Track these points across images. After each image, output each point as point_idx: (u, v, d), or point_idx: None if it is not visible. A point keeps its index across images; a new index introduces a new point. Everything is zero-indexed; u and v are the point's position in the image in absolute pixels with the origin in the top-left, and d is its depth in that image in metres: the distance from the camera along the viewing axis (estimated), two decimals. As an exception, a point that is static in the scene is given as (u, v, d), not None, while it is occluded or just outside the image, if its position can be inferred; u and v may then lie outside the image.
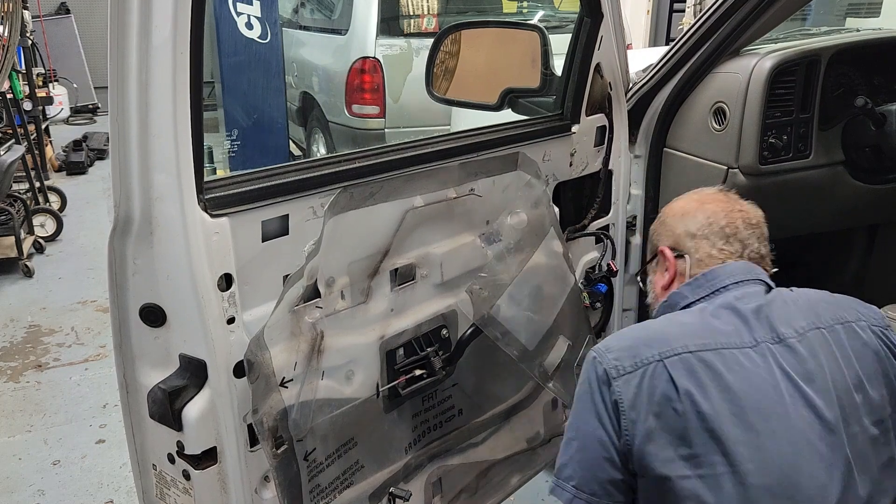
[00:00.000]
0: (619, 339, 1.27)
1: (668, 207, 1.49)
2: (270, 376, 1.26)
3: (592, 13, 1.78)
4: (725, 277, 1.31)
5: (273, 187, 1.26)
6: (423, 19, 5.47)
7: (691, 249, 1.38)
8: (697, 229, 1.38)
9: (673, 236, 1.41)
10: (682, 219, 1.41)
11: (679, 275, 1.39)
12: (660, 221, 1.49)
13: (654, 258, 1.47)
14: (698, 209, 1.40)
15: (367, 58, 5.18)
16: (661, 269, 1.43)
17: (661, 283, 1.42)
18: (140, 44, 1.06)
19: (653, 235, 1.50)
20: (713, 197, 1.44)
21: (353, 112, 5.30)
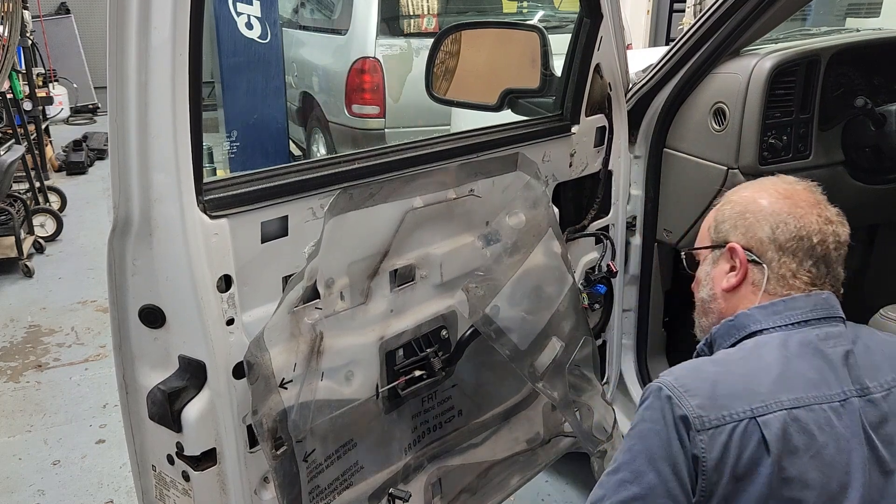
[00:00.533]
0: (698, 380, 1.12)
1: (749, 196, 1.29)
2: (270, 377, 1.26)
3: (592, 13, 1.78)
4: (809, 310, 1.18)
5: (272, 188, 1.26)
6: (423, 19, 5.47)
7: (773, 262, 1.21)
8: (787, 241, 1.20)
9: (752, 236, 1.24)
10: (768, 219, 1.23)
11: (749, 283, 1.24)
12: (736, 210, 1.28)
13: (716, 249, 1.30)
14: (789, 212, 1.22)
15: (367, 58, 5.18)
16: (723, 265, 1.28)
17: (723, 283, 1.27)
18: (139, 44, 1.06)
19: (720, 221, 1.30)
20: (804, 197, 1.25)
21: (353, 112, 5.30)
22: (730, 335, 1.23)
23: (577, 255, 1.99)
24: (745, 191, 1.31)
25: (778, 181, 1.30)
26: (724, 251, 1.28)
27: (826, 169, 2.04)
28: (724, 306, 1.28)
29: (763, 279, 1.22)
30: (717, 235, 1.30)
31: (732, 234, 1.27)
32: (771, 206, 1.24)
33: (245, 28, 5.06)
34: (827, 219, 1.22)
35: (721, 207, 1.32)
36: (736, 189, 1.34)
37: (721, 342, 1.24)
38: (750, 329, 1.20)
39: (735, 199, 1.30)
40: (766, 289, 1.21)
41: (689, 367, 1.18)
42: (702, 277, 1.34)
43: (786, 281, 1.21)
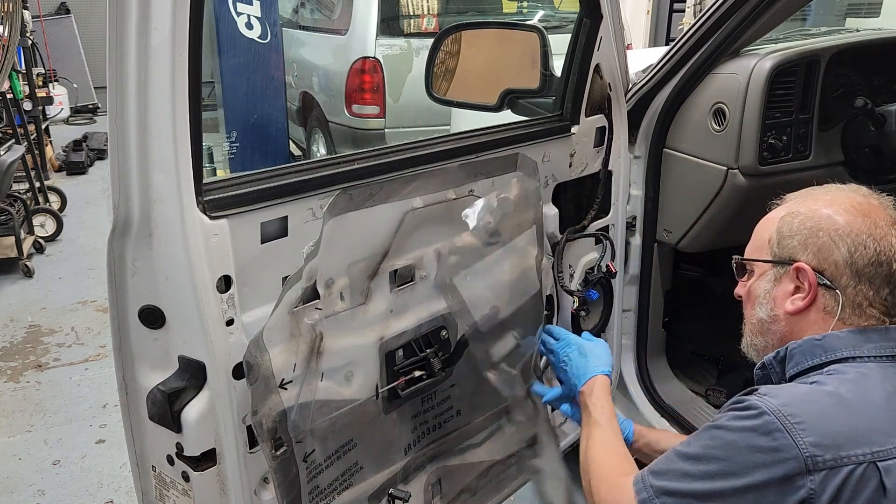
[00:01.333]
0: (814, 414, 1.03)
1: (822, 209, 1.16)
2: (269, 378, 1.26)
3: (592, 14, 1.78)
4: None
5: (272, 189, 1.26)
6: (423, 19, 5.47)
7: (848, 288, 1.12)
8: (865, 266, 1.11)
9: (826, 257, 1.13)
10: (845, 240, 1.12)
11: (820, 309, 1.15)
12: (807, 226, 1.16)
13: (779, 265, 1.19)
14: (869, 233, 1.11)
15: (367, 58, 5.19)
16: (787, 284, 1.17)
17: (787, 305, 1.18)
18: (139, 44, 1.06)
19: (785, 235, 1.18)
20: (882, 216, 1.14)
21: (353, 112, 5.31)
22: (813, 355, 1.14)
23: (577, 255, 1.99)
24: (814, 202, 1.19)
25: (851, 193, 1.18)
26: (789, 270, 1.17)
27: (826, 169, 2.04)
28: (787, 329, 1.19)
29: (836, 306, 1.12)
30: (782, 251, 1.19)
31: (802, 252, 1.16)
32: (848, 225, 1.13)
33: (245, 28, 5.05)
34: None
35: (787, 218, 1.19)
36: (802, 197, 1.22)
37: (801, 360, 1.15)
38: (840, 354, 1.11)
39: (804, 211, 1.18)
40: (841, 317, 1.13)
41: (799, 394, 1.07)
42: (759, 294, 1.23)
43: (861, 310, 1.12)
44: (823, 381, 1.08)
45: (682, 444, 1.14)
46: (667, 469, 1.12)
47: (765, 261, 1.22)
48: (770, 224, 1.23)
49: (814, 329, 1.15)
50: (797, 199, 1.23)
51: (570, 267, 1.98)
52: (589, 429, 1.47)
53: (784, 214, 1.21)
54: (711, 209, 2.00)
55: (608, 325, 2.14)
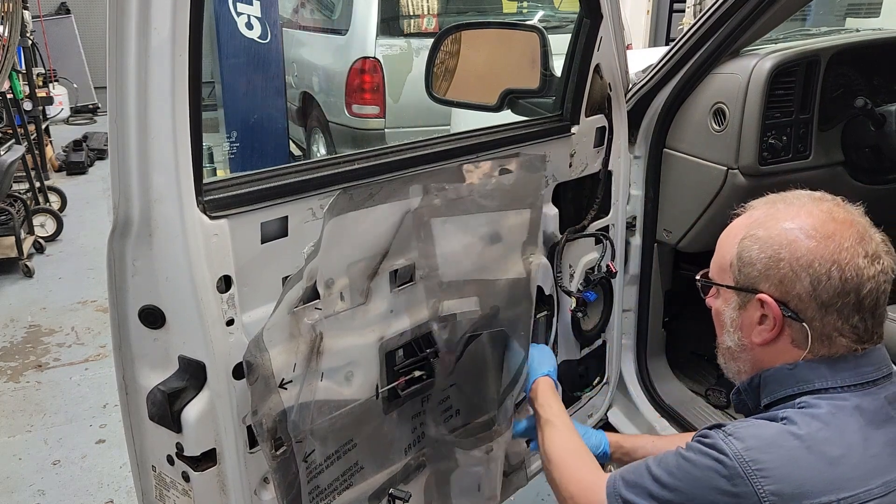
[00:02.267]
0: (779, 460, 0.99)
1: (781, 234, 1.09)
2: (269, 378, 1.26)
3: (592, 14, 1.78)
4: (875, 370, 1.07)
5: (272, 189, 1.26)
6: (423, 19, 5.47)
7: (815, 320, 1.06)
8: (830, 298, 1.04)
9: (788, 290, 1.07)
10: (806, 270, 1.05)
11: (787, 339, 1.10)
12: (767, 255, 1.09)
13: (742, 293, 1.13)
14: (833, 260, 1.04)
15: (367, 58, 5.19)
16: (752, 312, 1.12)
17: (754, 336, 1.13)
18: (139, 45, 1.06)
19: (746, 263, 1.12)
20: (847, 234, 1.06)
21: (353, 112, 5.31)
22: (786, 385, 1.10)
23: (577, 255, 1.99)
24: (774, 222, 1.11)
25: (815, 208, 1.10)
26: (752, 299, 1.11)
27: (826, 169, 2.04)
28: (758, 357, 1.15)
29: (805, 339, 1.08)
30: (743, 279, 1.12)
31: (763, 282, 1.09)
32: (810, 254, 1.05)
33: (245, 28, 5.05)
34: (875, 256, 1.06)
35: (746, 243, 1.12)
36: (763, 213, 1.14)
37: (775, 389, 1.12)
38: (813, 386, 1.07)
39: (763, 235, 1.10)
40: (812, 350, 1.08)
41: (765, 436, 1.03)
42: (725, 322, 1.19)
43: (831, 341, 1.07)
44: (794, 418, 1.04)
45: (655, 461, 1.13)
46: (636, 482, 1.12)
47: (728, 286, 1.16)
48: (731, 244, 1.16)
49: (782, 359, 1.12)
50: (758, 213, 1.15)
51: (571, 267, 1.98)
52: (542, 429, 1.49)
53: (744, 237, 1.13)
54: (711, 209, 2.00)
55: (608, 325, 2.14)
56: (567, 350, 2.05)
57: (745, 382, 1.19)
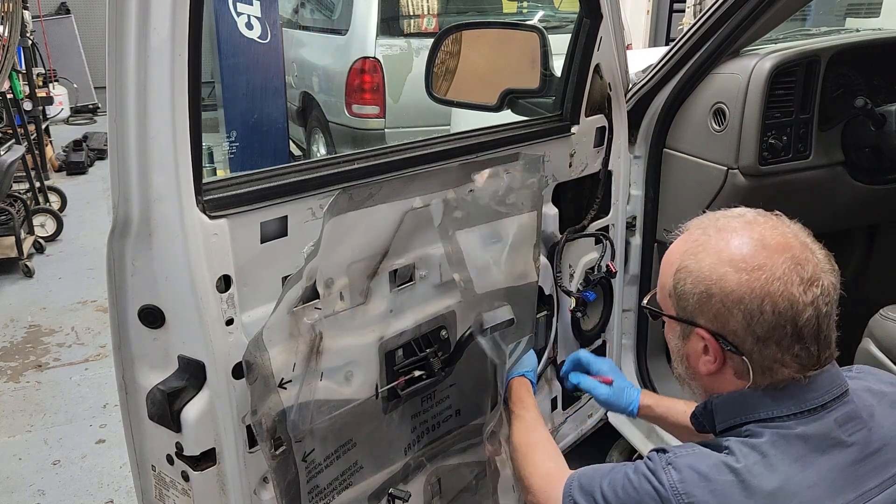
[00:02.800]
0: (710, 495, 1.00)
1: (712, 268, 1.05)
2: (269, 377, 1.26)
3: (592, 14, 1.78)
4: (824, 393, 1.05)
5: (272, 188, 1.26)
6: (423, 19, 5.47)
7: (754, 353, 1.05)
8: (765, 332, 1.02)
9: (723, 325, 1.05)
10: (738, 306, 1.03)
11: (730, 370, 1.09)
12: (699, 290, 1.07)
13: (684, 324, 1.12)
14: (765, 294, 1.01)
15: (367, 58, 5.18)
16: (696, 343, 1.11)
17: (701, 367, 1.12)
18: (138, 45, 1.06)
19: (681, 296, 1.10)
20: (779, 262, 1.02)
21: (353, 112, 5.31)
22: (735, 412, 1.09)
23: (577, 255, 1.99)
24: (705, 254, 1.07)
25: (745, 234, 1.06)
26: (693, 330, 1.10)
27: (826, 169, 2.04)
28: (707, 385, 1.15)
29: (746, 371, 1.06)
30: (681, 311, 1.11)
31: (700, 316, 1.08)
32: (740, 288, 1.02)
33: (245, 28, 5.05)
34: (811, 280, 1.02)
35: (680, 275, 1.09)
36: (695, 240, 1.11)
37: (725, 417, 1.12)
38: (758, 416, 1.06)
39: (694, 268, 1.07)
40: (755, 381, 1.07)
41: (702, 469, 1.03)
42: (673, 349, 1.18)
43: (772, 372, 1.05)
44: (734, 448, 1.04)
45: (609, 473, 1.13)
46: (588, 489, 1.14)
47: (669, 316, 1.15)
48: (668, 273, 1.13)
49: (731, 387, 1.11)
50: (690, 241, 1.12)
51: (570, 267, 1.98)
52: (512, 423, 1.56)
53: (678, 268, 1.10)
54: (711, 209, 1.98)
55: (608, 325, 2.14)
56: (567, 350, 2.05)
57: (699, 407, 1.18)
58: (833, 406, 1.05)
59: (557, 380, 1.90)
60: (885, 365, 1.79)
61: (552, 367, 2.04)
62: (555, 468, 1.32)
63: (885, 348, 1.81)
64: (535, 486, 1.33)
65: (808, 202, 2.09)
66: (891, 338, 1.80)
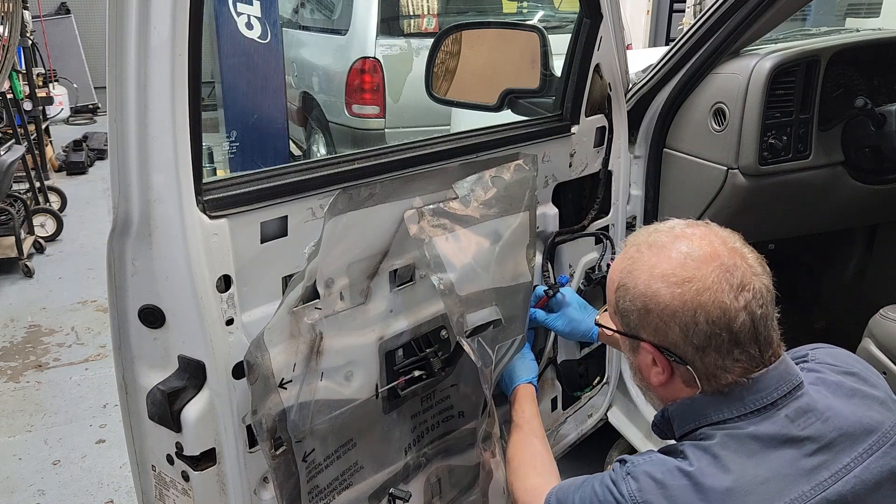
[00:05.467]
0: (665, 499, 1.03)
1: (646, 284, 1.09)
2: (269, 377, 1.26)
3: (592, 14, 1.78)
4: (773, 390, 1.07)
5: (272, 189, 1.26)
6: (423, 19, 5.47)
7: (696, 361, 1.08)
8: (702, 341, 1.05)
9: (663, 337, 1.09)
10: (674, 318, 1.06)
11: (679, 379, 1.12)
12: (637, 305, 1.10)
13: (631, 339, 1.15)
14: (696, 305, 1.05)
15: (367, 58, 5.18)
16: (644, 355, 1.14)
17: (653, 378, 1.15)
18: (138, 44, 1.06)
19: (623, 311, 1.13)
20: (708, 271, 1.05)
21: (353, 112, 5.31)
22: (689, 418, 1.13)
23: (577, 254, 1.99)
24: (639, 270, 1.11)
25: (673, 248, 1.09)
26: (640, 344, 1.13)
27: (826, 169, 2.04)
28: (662, 394, 1.18)
29: (693, 379, 1.09)
30: (627, 326, 1.15)
31: (642, 331, 1.12)
32: (674, 301, 1.06)
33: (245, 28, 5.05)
34: (741, 286, 1.04)
35: (620, 292, 1.14)
36: (629, 262, 1.14)
37: (680, 423, 1.15)
38: (709, 419, 1.09)
39: (631, 285, 1.12)
40: (702, 387, 1.10)
41: (657, 475, 1.06)
42: (628, 362, 1.23)
43: (716, 378, 1.08)
44: (688, 452, 1.07)
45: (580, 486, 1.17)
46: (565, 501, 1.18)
47: (616, 331, 1.19)
48: (611, 290, 1.18)
49: (683, 394, 1.14)
50: (626, 259, 1.15)
51: (570, 267, 1.98)
52: (511, 433, 1.57)
53: (618, 286, 1.15)
54: (711, 209, 2.00)
55: (608, 324, 2.13)
56: (567, 350, 2.05)
57: (658, 415, 1.21)
58: (783, 402, 1.07)
59: None
60: (885, 365, 1.79)
61: (552, 368, 2.04)
62: (541, 484, 1.34)
63: (886, 348, 1.81)
64: (520, 500, 1.39)
65: (808, 202, 2.09)
66: (891, 338, 1.80)
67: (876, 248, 2.56)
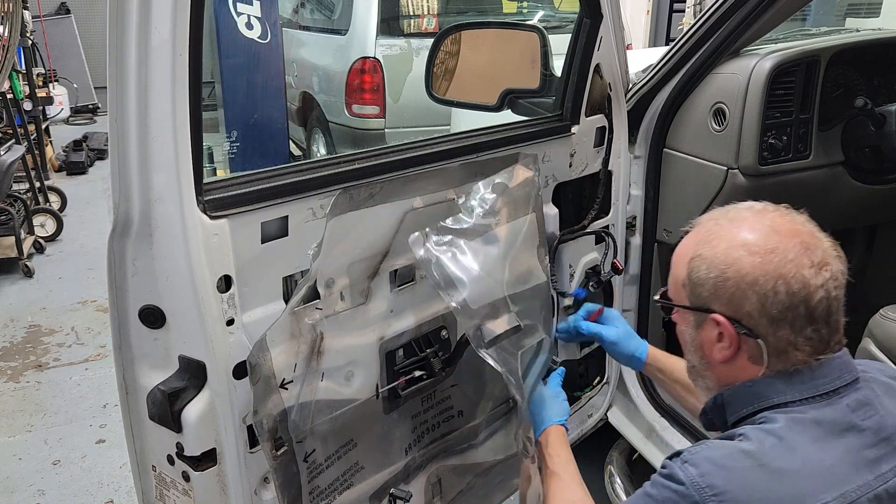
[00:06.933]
0: (731, 481, 1.00)
1: (726, 253, 1.09)
2: (270, 378, 1.26)
3: (592, 14, 1.78)
4: (836, 378, 1.07)
5: (272, 189, 1.26)
6: (423, 19, 5.47)
7: (769, 336, 1.07)
8: (779, 313, 1.05)
9: (738, 308, 1.08)
10: (753, 288, 1.05)
11: (745, 356, 1.11)
12: (713, 275, 1.09)
13: (697, 313, 1.14)
14: (778, 275, 1.04)
15: (367, 58, 5.19)
16: (710, 330, 1.12)
17: (716, 354, 1.13)
18: (139, 44, 1.06)
19: (696, 283, 1.12)
20: (791, 245, 1.06)
21: (353, 112, 5.31)
22: (746, 402, 1.11)
23: (578, 254, 1.99)
24: (718, 240, 1.11)
25: (755, 221, 1.11)
26: (707, 318, 1.12)
27: (826, 169, 2.04)
28: (721, 374, 1.15)
29: (761, 355, 1.08)
30: (696, 298, 1.13)
31: (714, 302, 1.10)
32: (755, 270, 1.05)
33: (245, 28, 5.05)
34: (821, 264, 1.05)
35: (694, 262, 1.13)
36: (708, 230, 1.15)
37: (736, 408, 1.13)
38: (771, 401, 1.08)
39: (708, 254, 1.11)
40: (769, 364, 1.08)
41: (718, 459, 1.03)
42: (687, 341, 1.19)
43: (786, 355, 1.07)
44: (749, 434, 1.05)
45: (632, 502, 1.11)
46: None
47: (683, 307, 1.17)
48: (681, 264, 1.16)
49: (744, 375, 1.12)
50: (703, 232, 1.15)
51: (571, 267, 1.98)
52: (547, 480, 1.46)
53: (692, 257, 1.14)
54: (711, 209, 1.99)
55: (608, 325, 2.13)
56: (567, 350, 2.05)
57: (709, 403, 1.19)
58: (845, 392, 1.06)
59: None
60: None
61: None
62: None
63: (886, 348, 1.81)
64: None
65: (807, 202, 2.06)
66: (891, 338, 1.80)
67: (876, 248, 2.56)
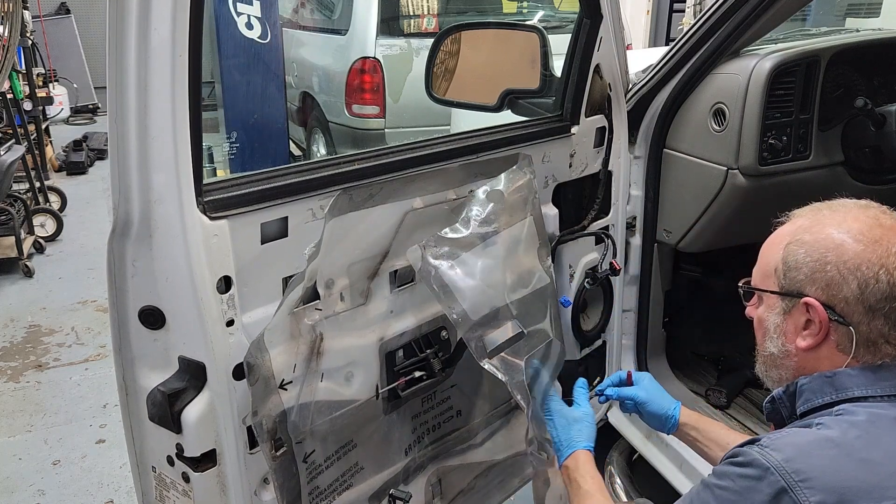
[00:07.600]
0: (816, 468, 0.97)
1: (828, 238, 1.08)
2: (270, 378, 1.26)
3: (592, 14, 1.78)
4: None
5: (272, 189, 1.26)
6: (423, 19, 5.47)
7: (861, 325, 1.05)
8: (877, 301, 1.03)
9: (835, 293, 1.06)
10: (854, 273, 1.04)
11: (832, 344, 1.08)
12: (813, 258, 1.08)
13: (788, 298, 1.12)
14: (881, 264, 1.04)
15: (367, 58, 5.19)
16: (797, 317, 1.11)
17: (798, 341, 1.11)
18: (139, 44, 1.06)
19: (791, 266, 1.11)
20: (892, 238, 1.06)
21: (353, 112, 5.31)
22: (823, 393, 1.08)
23: (577, 254, 1.99)
24: (820, 227, 1.10)
25: (861, 213, 1.10)
26: (798, 303, 1.10)
27: (826, 169, 2.04)
28: (799, 363, 1.13)
29: (850, 344, 1.06)
30: (789, 283, 1.11)
31: (809, 286, 1.08)
32: (858, 257, 1.05)
33: (245, 28, 5.05)
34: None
35: (792, 247, 1.11)
36: (808, 219, 1.14)
37: (811, 398, 1.10)
38: (851, 393, 1.06)
39: (809, 239, 1.10)
40: (856, 355, 1.06)
41: (804, 445, 1.01)
42: (769, 328, 1.16)
43: (876, 347, 1.06)
44: (830, 424, 1.03)
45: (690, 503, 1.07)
46: None
47: (772, 292, 1.15)
48: (775, 250, 1.15)
49: (826, 364, 1.10)
50: (803, 220, 1.14)
51: (570, 267, 1.98)
52: (582, 500, 1.41)
53: (789, 242, 1.13)
54: (711, 209, 2.00)
55: (608, 325, 2.14)
56: (567, 350, 2.04)
57: (780, 390, 1.17)
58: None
59: None
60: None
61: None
62: None
63: None
64: None
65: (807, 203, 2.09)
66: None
67: (876, 248, 2.55)
